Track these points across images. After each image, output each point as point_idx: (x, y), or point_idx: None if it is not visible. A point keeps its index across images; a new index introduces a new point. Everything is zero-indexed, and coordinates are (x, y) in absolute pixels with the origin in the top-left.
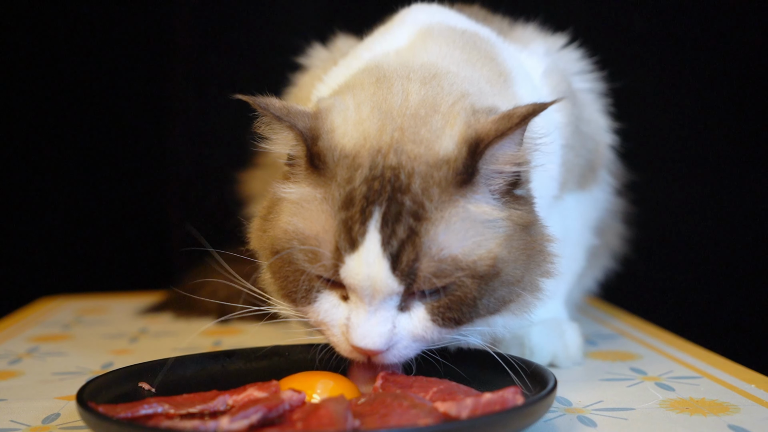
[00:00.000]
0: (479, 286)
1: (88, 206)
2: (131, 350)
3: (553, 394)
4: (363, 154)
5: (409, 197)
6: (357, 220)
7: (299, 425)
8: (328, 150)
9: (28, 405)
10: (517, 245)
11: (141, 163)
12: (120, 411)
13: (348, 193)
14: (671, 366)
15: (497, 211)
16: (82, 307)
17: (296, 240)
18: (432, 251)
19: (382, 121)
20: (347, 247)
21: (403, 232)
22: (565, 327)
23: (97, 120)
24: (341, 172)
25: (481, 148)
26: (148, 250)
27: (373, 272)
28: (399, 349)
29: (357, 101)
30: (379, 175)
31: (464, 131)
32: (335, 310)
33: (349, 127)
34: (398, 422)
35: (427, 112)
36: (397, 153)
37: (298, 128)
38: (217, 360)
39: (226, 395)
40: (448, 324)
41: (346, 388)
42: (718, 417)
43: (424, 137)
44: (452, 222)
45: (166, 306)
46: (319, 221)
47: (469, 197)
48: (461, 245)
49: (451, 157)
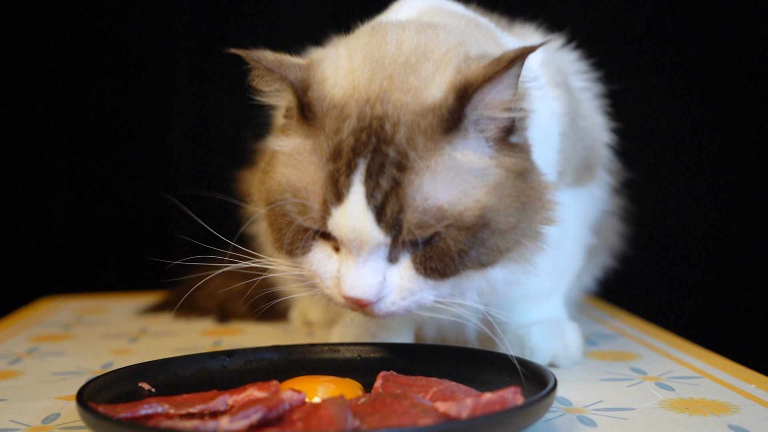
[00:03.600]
0: (466, 237)
1: (88, 206)
2: (131, 350)
3: (553, 394)
4: (351, 104)
5: (393, 148)
6: (343, 172)
7: (299, 425)
8: (317, 100)
9: (28, 405)
10: (509, 193)
11: (141, 163)
12: (120, 411)
13: (336, 145)
14: (671, 366)
15: (486, 158)
16: (82, 307)
17: (288, 192)
18: (416, 202)
19: (372, 70)
20: (333, 200)
21: (387, 184)
22: (565, 327)
23: (98, 120)
24: (330, 123)
25: (469, 93)
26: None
27: (358, 225)
28: (387, 303)
29: (350, 50)
30: (367, 126)
31: (454, 77)
32: (327, 261)
33: (339, 77)
34: (398, 422)
35: (419, 59)
36: (384, 102)
37: (289, 79)
38: (217, 360)
39: (226, 395)
40: (434, 275)
41: (347, 392)
42: (718, 417)
43: (412, 85)
44: (437, 171)
45: (166, 306)
46: (308, 173)
47: (455, 144)
48: (447, 195)
49: (438, 103)
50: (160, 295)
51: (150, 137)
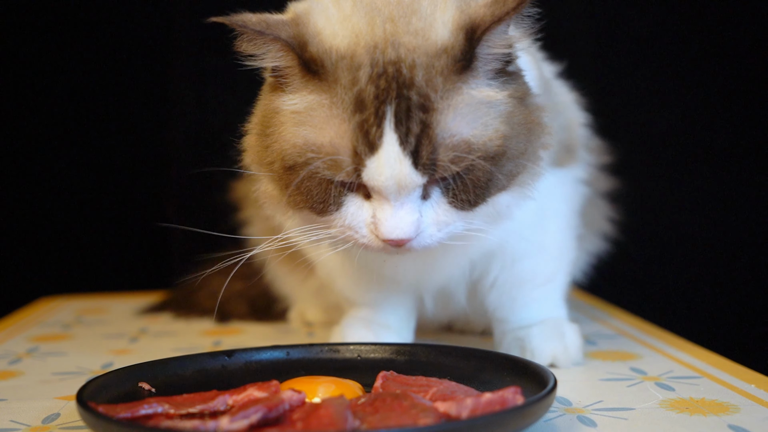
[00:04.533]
0: (491, 165)
1: (88, 206)
2: (131, 350)
3: (553, 394)
4: (360, 52)
5: (414, 91)
6: (372, 122)
7: (299, 425)
8: (323, 53)
9: (28, 405)
10: (518, 120)
11: (141, 163)
12: (120, 411)
13: (357, 95)
14: (671, 366)
15: (497, 90)
16: (82, 307)
17: (310, 151)
18: (446, 140)
19: (369, 14)
20: (366, 151)
21: (417, 127)
22: (565, 328)
23: (97, 120)
24: (343, 74)
25: (478, 34)
26: (148, 250)
27: (396, 171)
28: (425, 237)
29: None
30: (383, 72)
31: (458, 17)
32: (360, 212)
33: (336, 26)
34: (398, 422)
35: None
36: (395, 46)
37: (283, 38)
38: (217, 360)
39: (226, 395)
40: (465, 206)
41: (347, 392)
42: (718, 417)
43: (418, 27)
44: (459, 108)
45: (166, 306)
46: (331, 127)
47: (470, 82)
48: (471, 129)
49: (449, 44)
50: (160, 295)
51: (150, 137)
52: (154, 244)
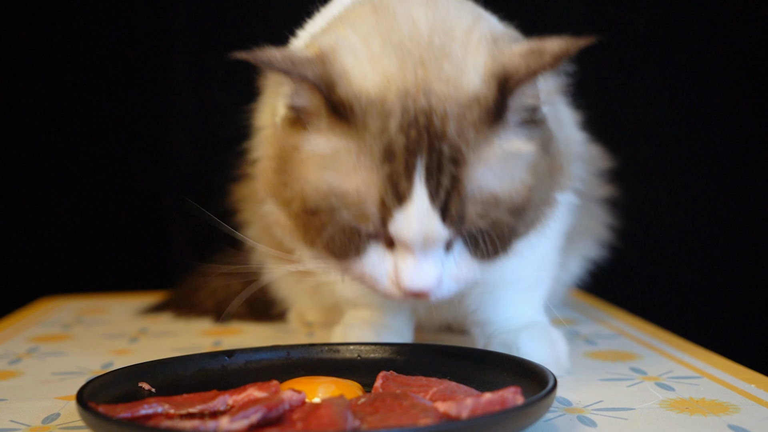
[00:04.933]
0: (515, 218)
1: (88, 206)
2: (131, 350)
3: (553, 394)
4: (391, 98)
5: (446, 143)
6: (402, 174)
7: (299, 425)
8: (352, 97)
9: (28, 405)
10: (542, 169)
11: (141, 163)
12: (120, 411)
13: (386, 145)
14: (671, 366)
15: (525, 140)
16: (82, 307)
17: (334, 197)
18: (475, 194)
19: (400, 56)
20: (395, 203)
21: (447, 181)
22: (555, 336)
23: (97, 120)
24: (373, 121)
25: (511, 85)
26: (148, 250)
27: (424, 225)
28: (445, 289)
29: (361, 35)
30: (413, 121)
31: (490, 64)
32: (382, 261)
33: (364, 67)
34: (398, 422)
35: (443, 40)
36: (426, 94)
37: (310, 79)
38: (217, 360)
39: (226, 395)
40: (486, 258)
41: (347, 392)
42: (718, 417)
43: (450, 73)
44: (489, 161)
45: (166, 306)
46: (358, 175)
47: (500, 134)
48: (499, 182)
49: (481, 95)
50: (160, 295)
51: (150, 137)
52: (154, 244)
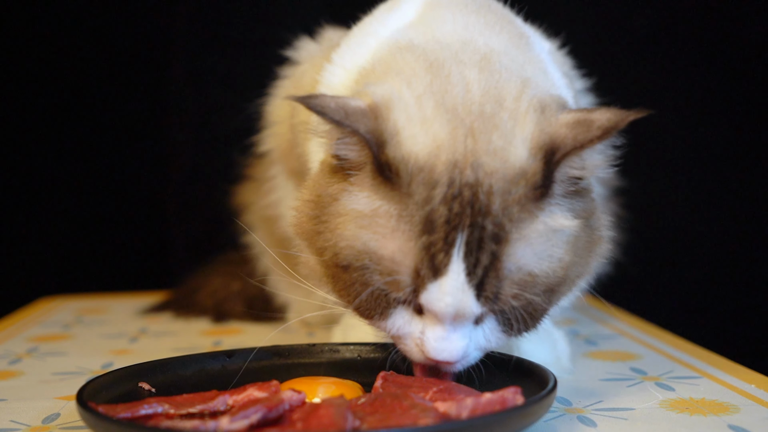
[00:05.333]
0: (550, 297)
1: (88, 206)
2: (131, 350)
3: (553, 394)
4: (439, 168)
5: (490, 220)
6: (440, 248)
7: (299, 425)
8: (400, 161)
9: (28, 405)
10: (582, 244)
11: (141, 163)
12: (120, 411)
13: (428, 215)
14: (671, 366)
15: (569, 216)
16: (82, 307)
17: (368, 258)
18: (513, 274)
19: (451, 123)
20: (430, 275)
21: (486, 259)
22: (556, 336)
23: (97, 120)
24: (417, 188)
25: (557, 157)
26: (148, 250)
27: (457, 301)
28: (469, 360)
29: (415, 93)
30: (458, 194)
31: (537, 135)
32: (409, 326)
33: (416, 129)
34: (398, 422)
35: (493, 108)
36: (474, 168)
37: (361, 133)
38: (217, 360)
39: (226, 395)
40: (517, 333)
41: (347, 392)
42: (718, 417)
43: (497, 146)
44: (531, 239)
45: (166, 306)
46: (395, 241)
47: (546, 210)
48: (538, 262)
49: (528, 169)
50: (160, 295)
51: (150, 137)
52: (154, 244)
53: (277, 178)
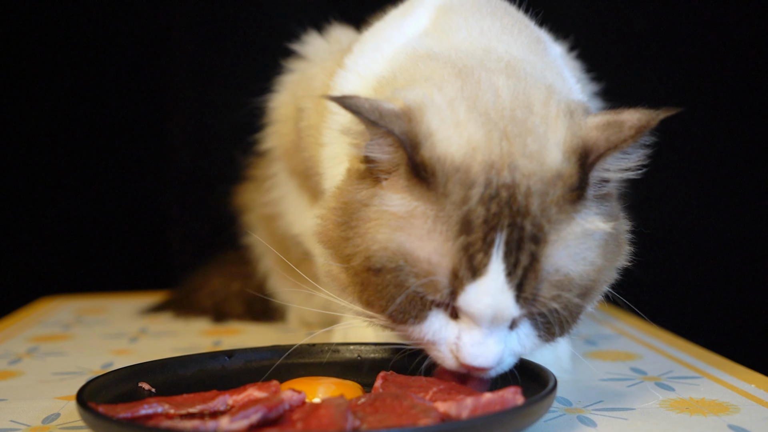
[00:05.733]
0: (584, 300)
1: (88, 206)
2: (131, 350)
3: (553, 394)
4: (475, 168)
5: (528, 221)
6: (479, 248)
7: (299, 425)
8: (436, 161)
9: (28, 405)
10: (610, 249)
11: (141, 163)
12: (120, 411)
13: (465, 215)
14: (671, 366)
15: (601, 219)
16: (82, 307)
17: (403, 260)
18: (551, 275)
19: (486, 126)
20: (469, 276)
21: (526, 259)
22: None
23: (97, 120)
24: (454, 189)
25: (591, 159)
26: (148, 250)
27: (496, 302)
28: (503, 366)
29: (447, 98)
30: (495, 195)
31: (570, 139)
32: (444, 330)
33: (450, 132)
34: (398, 422)
35: (524, 113)
36: (511, 170)
37: (396, 134)
38: (217, 360)
39: (226, 395)
40: (552, 339)
41: (347, 392)
42: (718, 417)
43: (533, 149)
44: (568, 241)
45: (166, 306)
46: (432, 242)
47: (582, 213)
48: (574, 264)
49: (564, 171)
50: (160, 295)
51: (150, 137)
52: (154, 244)
53: (278, 176)
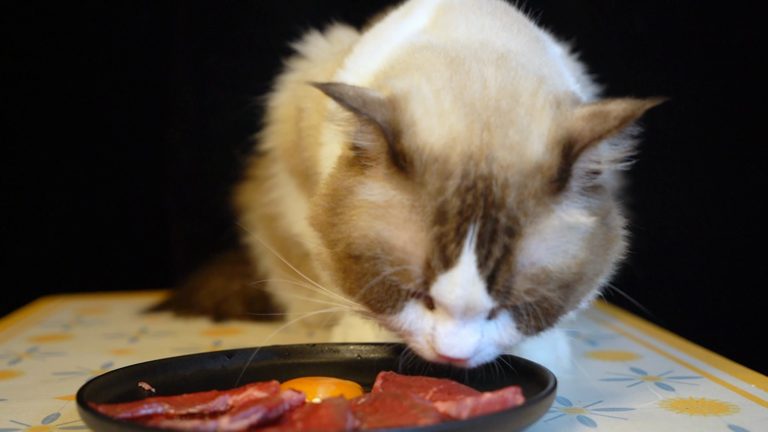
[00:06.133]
0: (565, 294)
1: (88, 206)
2: (131, 350)
3: (553, 394)
4: (454, 159)
5: (503, 213)
6: (452, 239)
7: (299, 425)
8: (414, 151)
9: (28, 405)
10: (598, 242)
11: (141, 163)
12: (120, 411)
13: (440, 206)
14: (671, 366)
15: (585, 212)
16: (82, 307)
17: (380, 249)
18: (525, 268)
19: (469, 117)
20: (440, 266)
21: (499, 252)
22: (556, 336)
23: (97, 120)
24: (431, 179)
25: (575, 150)
26: (148, 250)
27: (467, 293)
28: (483, 356)
29: (434, 87)
30: (471, 186)
31: (554, 131)
32: (420, 321)
33: (432, 121)
34: (398, 422)
35: (509, 104)
36: (489, 161)
37: (377, 122)
38: (217, 360)
39: (226, 395)
40: (531, 332)
41: (347, 392)
42: (718, 417)
43: (514, 140)
44: (545, 234)
45: (166, 306)
46: (406, 231)
47: (563, 205)
48: (552, 257)
49: (544, 163)
50: (160, 295)
51: (150, 137)
52: (154, 244)
53: (278, 175)
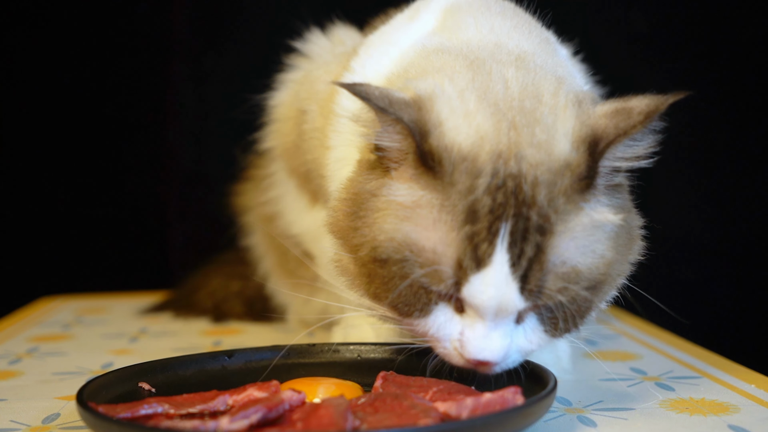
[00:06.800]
0: (593, 294)
1: (88, 206)
2: (131, 350)
3: (553, 394)
4: (482, 157)
5: (535, 211)
6: (484, 238)
7: (299, 425)
8: (443, 150)
9: (28, 405)
10: (622, 241)
11: (141, 163)
12: (120, 411)
13: (471, 205)
14: (671, 366)
15: (612, 210)
16: (82, 307)
17: (408, 251)
18: (557, 267)
19: (494, 116)
20: (473, 266)
21: (531, 250)
22: None
23: (97, 120)
24: (461, 178)
25: (600, 147)
26: (148, 250)
27: (500, 293)
28: (509, 362)
29: (458, 88)
30: (501, 184)
31: (578, 129)
32: (449, 325)
33: (459, 121)
34: (398, 422)
35: (533, 104)
36: (518, 159)
37: (405, 122)
38: (217, 360)
39: (226, 395)
40: (559, 334)
41: (347, 392)
42: (718, 417)
43: (541, 139)
44: (576, 232)
45: (166, 306)
46: (437, 232)
47: (591, 202)
48: (582, 256)
49: (572, 161)
50: (160, 295)
51: (150, 137)
52: (154, 244)
53: (276, 174)
